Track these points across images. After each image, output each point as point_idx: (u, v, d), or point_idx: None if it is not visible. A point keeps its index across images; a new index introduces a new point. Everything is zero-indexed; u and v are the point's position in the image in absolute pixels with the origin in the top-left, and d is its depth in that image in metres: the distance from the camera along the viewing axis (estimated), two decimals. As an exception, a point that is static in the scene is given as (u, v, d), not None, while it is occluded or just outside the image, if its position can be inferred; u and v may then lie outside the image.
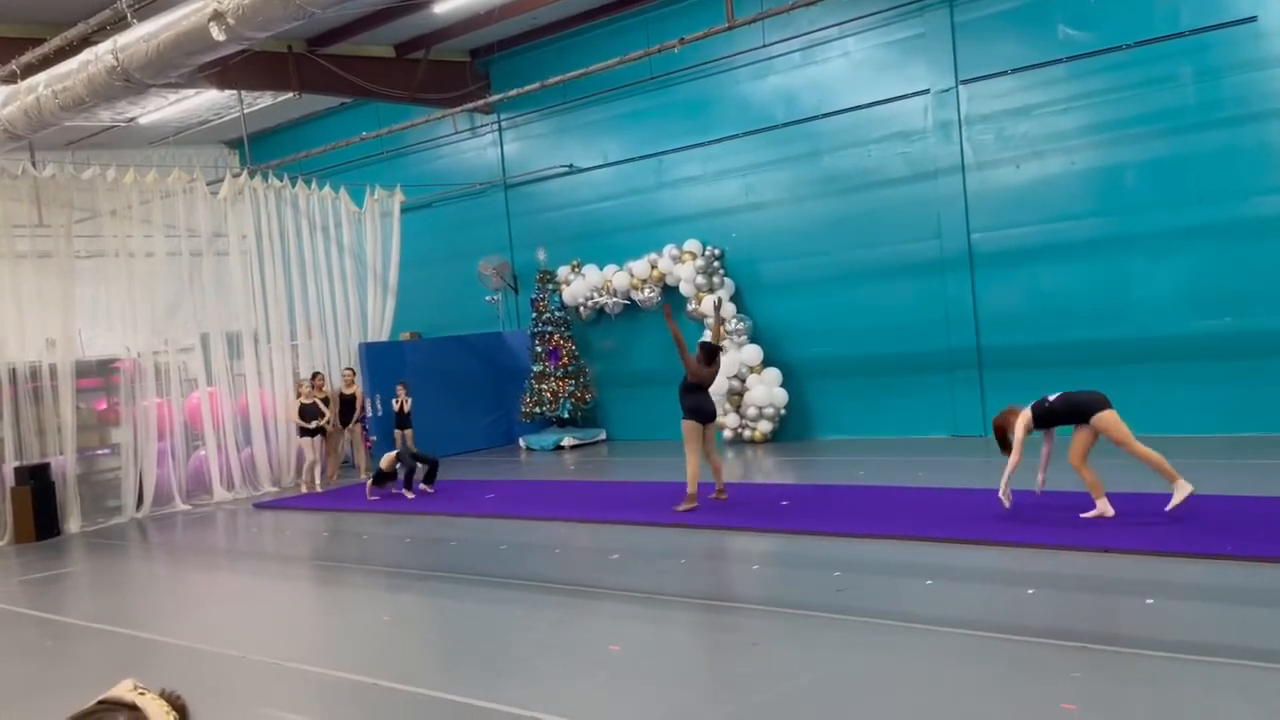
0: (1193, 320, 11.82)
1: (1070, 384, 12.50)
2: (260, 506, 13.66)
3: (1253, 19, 11.15)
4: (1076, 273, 12.50)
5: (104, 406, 14.04)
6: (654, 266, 15.68)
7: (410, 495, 12.44)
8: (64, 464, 12.99)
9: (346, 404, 15.16)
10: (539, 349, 16.75)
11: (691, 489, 9.82)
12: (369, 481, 12.99)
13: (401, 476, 12.67)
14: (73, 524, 12.87)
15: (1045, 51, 12.49)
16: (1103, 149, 12.28)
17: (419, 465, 12.85)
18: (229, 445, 14.64)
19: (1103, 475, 8.24)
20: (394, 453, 12.99)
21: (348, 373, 15.43)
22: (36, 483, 12.47)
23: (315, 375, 15.00)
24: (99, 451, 13.88)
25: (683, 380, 9.98)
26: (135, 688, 1.67)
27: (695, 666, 5.78)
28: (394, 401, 15.59)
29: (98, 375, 13.93)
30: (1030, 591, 6.46)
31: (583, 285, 16.56)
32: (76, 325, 13.58)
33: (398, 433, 15.68)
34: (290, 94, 16.64)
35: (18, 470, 12.51)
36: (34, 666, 7.16)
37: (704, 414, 9.86)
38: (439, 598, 8.01)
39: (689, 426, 9.74)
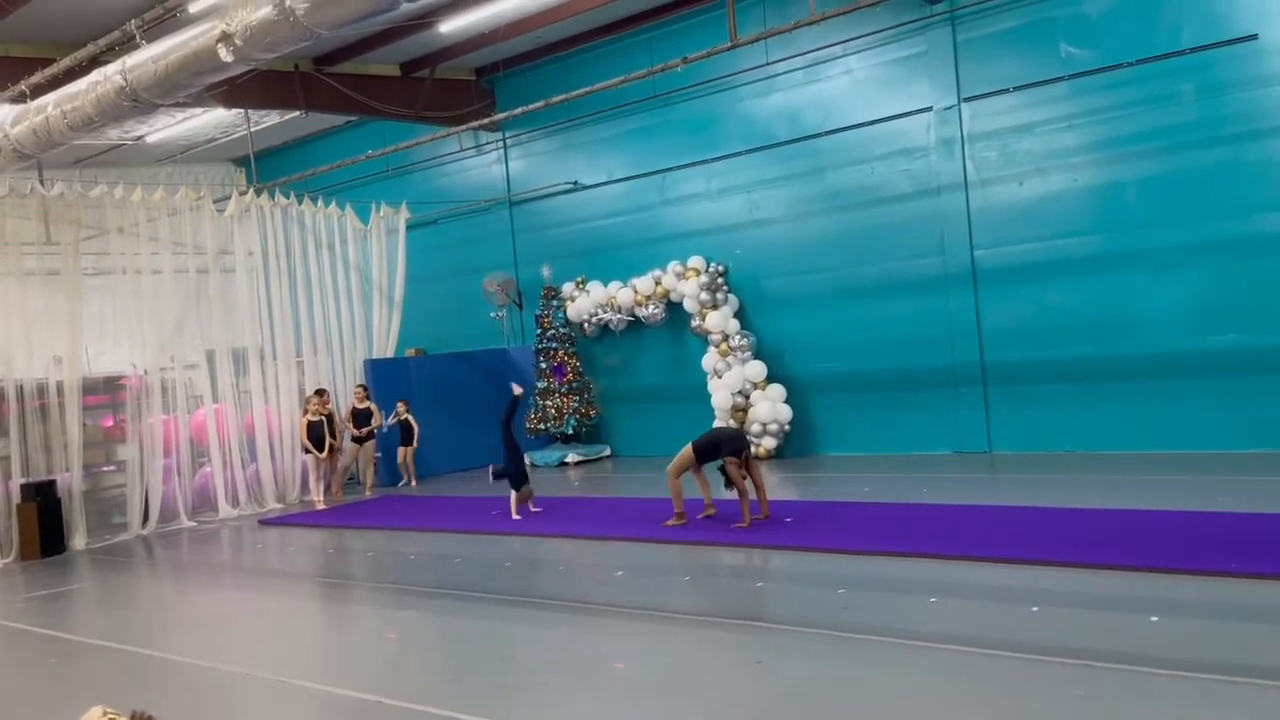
0: (1196, 336, 11.83)
1: (1074, 400, 12.61)
2: (265, 523, 13.67)
3: (1253, 37, 11.20)
4: (1080, 289, 12.53)
5: (110, 423, 14.09)
6: (658, 283, 15.73)
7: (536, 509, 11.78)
8: (70, 481, 13.02)
9: (361, 419, 15.22)
10: (544, 365, 16.79)
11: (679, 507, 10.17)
12: (511, 499, 11.59)
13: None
14: (78, 541, 12.89)
15: (1047, 69, 12.56)
16: (1105, 166, 12.33)
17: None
18: (234, 462, 14.66)
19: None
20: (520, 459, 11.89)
21: (359, 389, 15.47)
22: (42, 499, 12.49)
23: (320, 392, 15.03)
24: (105, 468, 13.92)
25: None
26: (105, 714, 1.68)
27: (699, 684, 5.78)
28: (391, 418, 15.68)
29: (104, 392, 13.99)
30: (1034, 609, 6.46)
31: (587, 302, 16.60)
32: (83, 342, 13.63)
33: (401, 450, 15.76)
34: (297, 112, 16.76)
35: (24, 487, 12.54)
36: (38, 684, 7.17)
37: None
38: (444, 615, 8.01)
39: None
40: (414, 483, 15.81)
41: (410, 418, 15.78)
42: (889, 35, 13.68)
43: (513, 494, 11.60)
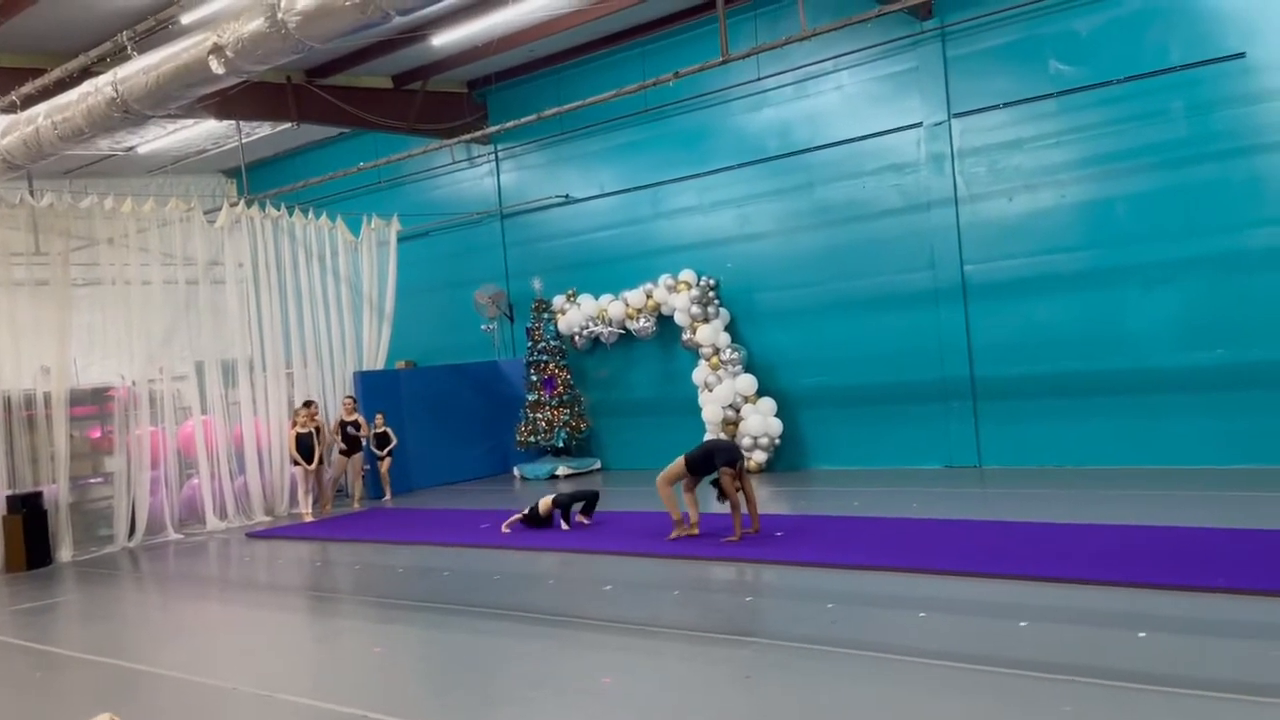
0: (1185, 352, 11.89)
1: (1064, 415, 12.65)
2: (253, 536, 13.61)
3: (1241, 55, 11.29)
4: (1069, 304, 12.58)
5: (98, 435, 14.01)
6: (649, 296, 15.74)
7: (566, 527, 11.38)
8: (56, 492, 12.94)
9: (349, 432, 15.12)
10: (534, 378, 16.77)
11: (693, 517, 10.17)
12: (515, 517, 11.69)
13: (558, 515, 11.52)
14: (64, 553, 12.81)
15: (1037, 86, 12.63)
16: (1094, 182, 12.40)
17: (575, 502, 11.69)
18: (222, 474, 14.58)
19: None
20: (551, 498, 11.66)
21: (348, 401, 15.39)
22: (28, 511, 12.41)
23: (308, 404, 14.95)
24: (92, 480, 13.82)
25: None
26: (112, 719, 1.68)
27: (687, 699, 5.76)
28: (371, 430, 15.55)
29: (92, 403, 13.90)
30: (1022, 624, 6.46)
31: (578, 314, 16.60)
32: (71, 353, 13.56)
33: (380, 463, 15.62)
34: (288, 124, 16.76)
35: (10, 499, 12.46)
36: (22, 697, 7.12)
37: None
38: (431, 628, 7.98)
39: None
40: (389, 496, 15.68)
41: (389, 430, 15.69)
42: (880, 51, 13.75)
43: (517, 514, 11.68)
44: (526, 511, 11.63)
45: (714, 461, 9.81)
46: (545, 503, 11.60)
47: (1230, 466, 11.36)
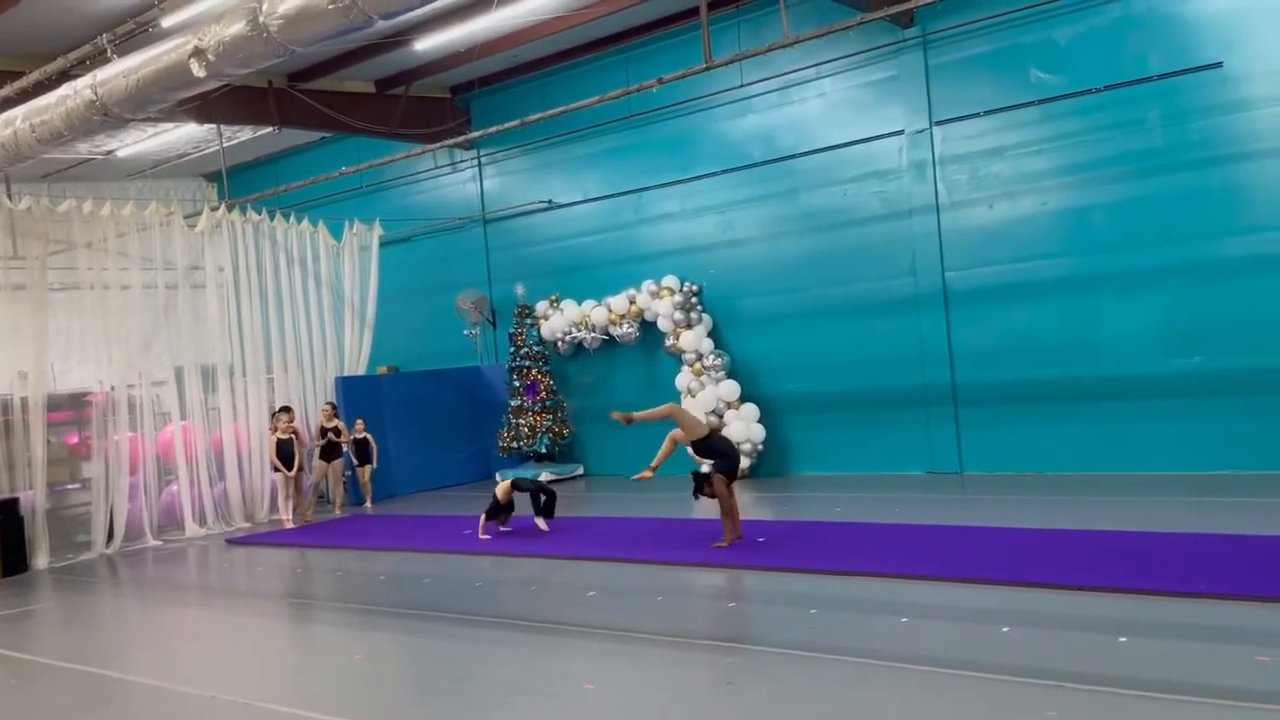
0: (1164, 359, 11.98)
1: (1044, 421, 12.72)
2: (233, 542, 13.50)
3: (1218, 65, 11.41)
4: (1049, 311, 12.66)
5: (75, 440, 13.88)
6: (632, 302, 15.74)
7: (545, 528, 11.23)
8: (33, 498, 12.80)
9: (330, 438, 15.00)
10: (517, 384, 16.73)
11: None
12: (481, 518, 11.51)
13: (532, 508, 11.34)
14: (41, 559, 12.67)
15: (1017, 94, 12.72)
16: (1074, 190, 12.48)
17: (538, 490, 11.50)
18: (202, 480, 14.47)
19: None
20: (508, 481, 11.58)
21: (327, 407, 15.27)
22: (5, 517, 12.27)
23: (287, 409, 14.76)
24: (69, 486, 13.69)
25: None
26: None
27: (670, 705, 5.75)
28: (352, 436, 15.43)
29: (70, 408, 13.78)
30: (1005, 629, 6.48)
31: (561, 320, 16.58)
32: (49, 358, 13.43)
33: (360, 469, 15.51)
34: (270, 128, 16.67)
35: (-14, 504, 12.34)
36: (-2, 706, 7.04)
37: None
38: (412, 635, 7.94)
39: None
40: (369, 503, 15.57)
41: (369, 436, 15.59)
42: (862, 59, 13.82)
43: (482, 515, 11.59)
44: (489, 507, 11.51)
45: (716, 458, 9.85)
46: (503, 488, 11.51)
47: (1209, 472, 11.45)
